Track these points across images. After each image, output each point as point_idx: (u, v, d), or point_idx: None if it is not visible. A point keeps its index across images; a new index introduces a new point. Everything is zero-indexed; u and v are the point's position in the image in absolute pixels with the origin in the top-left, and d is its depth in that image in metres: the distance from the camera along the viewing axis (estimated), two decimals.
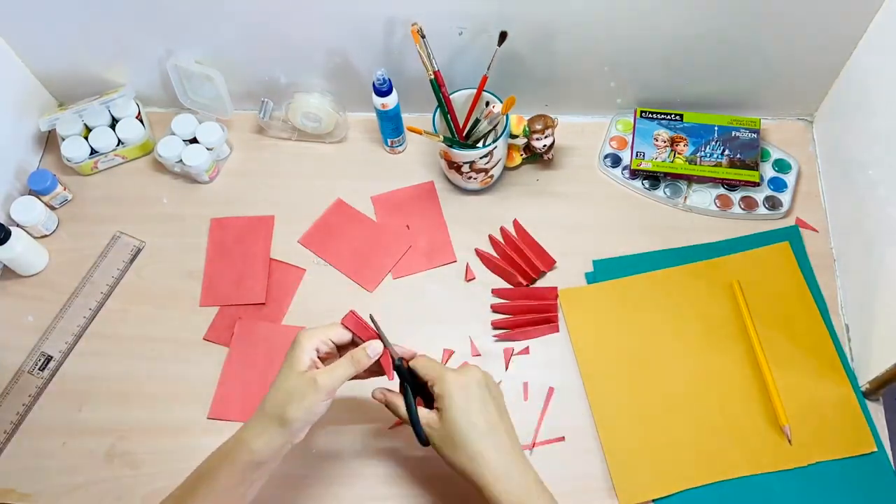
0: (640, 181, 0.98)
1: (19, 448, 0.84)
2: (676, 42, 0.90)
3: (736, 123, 0.98)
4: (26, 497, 0.80)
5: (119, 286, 0.93)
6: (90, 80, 1.00)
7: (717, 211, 0.95)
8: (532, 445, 0.81)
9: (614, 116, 1.03)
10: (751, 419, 0.82)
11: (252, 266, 0.93)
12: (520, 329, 0.87)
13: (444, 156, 0.92)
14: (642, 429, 0.82)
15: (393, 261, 0.93)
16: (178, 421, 0.84)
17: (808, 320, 0.87)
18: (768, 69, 0.93)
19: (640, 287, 0.90)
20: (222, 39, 0.93)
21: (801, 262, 0.91)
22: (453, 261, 0.93)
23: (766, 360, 0.84)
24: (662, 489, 0.78)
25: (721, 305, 0.89)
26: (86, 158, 0.99)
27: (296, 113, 0.98)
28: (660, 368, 0.85)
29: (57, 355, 0.88)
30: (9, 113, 0.98)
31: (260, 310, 0.91)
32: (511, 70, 0.92)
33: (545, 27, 0.89)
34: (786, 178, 0.97)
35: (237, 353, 0.87)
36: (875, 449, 0.80)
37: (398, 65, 0.94)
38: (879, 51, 0.84)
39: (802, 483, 0.78)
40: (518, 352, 0.87)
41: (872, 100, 0.86)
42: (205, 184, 1.00)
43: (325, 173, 1.00)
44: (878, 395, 0.82)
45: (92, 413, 0.85)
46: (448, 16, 0.87)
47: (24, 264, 0.92)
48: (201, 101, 1.01)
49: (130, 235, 0.96)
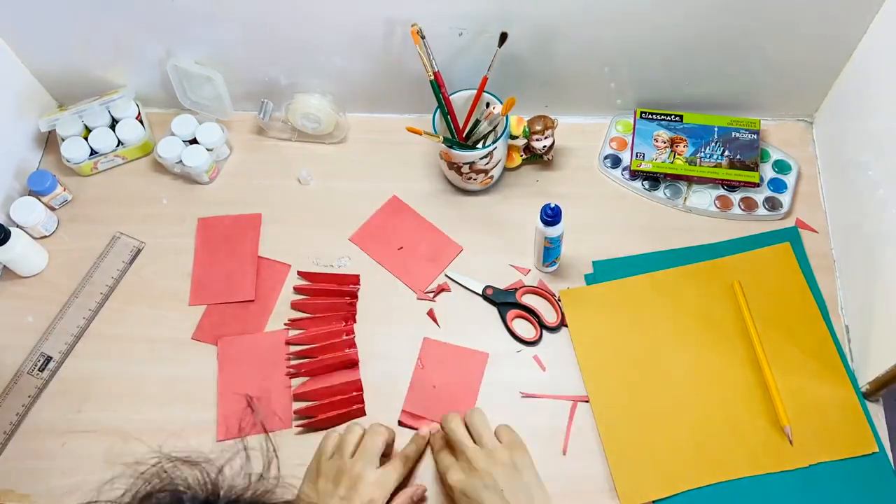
0: (640, 182, 0.98)
1: (19, 448, 0.83)
2: (676, 43, 0.90)
3: (736, 124, 0.98)
4: (25, 497, 0.80)
5: (119, 287, 0.93)
6: (90, 81, 1.00)
7: (717, 212, 0.95)
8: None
9: (614, 117, 1.03)
10: (752, 420, 0.82)
11: (240, 264, 0.93)
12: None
13: (444, 156, 0.92)
14: (643, 429, 0.82)
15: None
16: (178, 421, 0.84)
17: (810, 321, 0.87)
18: (768, 70, 0.93)
19: (640, 287, 0.90)
20: (222, 40, 0.93)
21: (800, 263, 0.91)
22: (460, 249, 0.94)
23: (767, 361, 0.84)
24: (663, 490, 0.78)
25: (722, 306, 0.89)
26: (86, 159, 0.99)
27: (295, 114, 0.98)
28: (661, 369, 0.85)
29: (56, 356, 0.88)
30: (9, 113, 0.97)
31: (247, 307, 0.91)
32: (511, 71, 0.92)
33: (545, 28, 0.89)
34: (786, 178, 0.97)
35: (227, 372, 0.87)
36: (876, 450, 0.79)
37: (398, 65, 0.94)
38: (879, 51, 0.84)
39: (803, 484, 0.78)
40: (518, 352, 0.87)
41: (872, 100, 0.86)
42: (205, 184, 1.00)
43: (325, 174, 1.00)
44: (878, 395, 0.82)
45: (91, 414, 0.85)
46: (448, 17, 0.87)
47: (23, 265, 0.92)
48: (201, 101, 1.01)
49: (130, 236, 0.96)
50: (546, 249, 0.86)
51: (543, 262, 0.89)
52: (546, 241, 0.84)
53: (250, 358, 0.88)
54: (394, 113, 1.04)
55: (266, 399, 0.85)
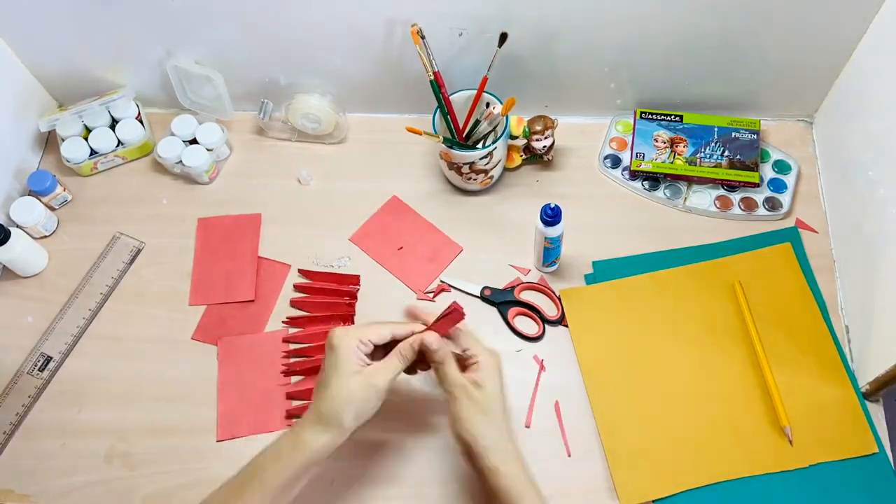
0: (640, 182, 0.98)
1: (19, 448, 0.83)
2: (676, 43, 0.90)
3: (736, 124, 0.98)
4: (25, 497, 0.80)
5: (118, 287, 0.93)
6: (90, 81, 1.00)
7: (717, 212, 0.95)
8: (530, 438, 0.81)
9: (614, 117, 1.03)
10: (752, 420, 0.82)
11: (240, 264, 0.93)
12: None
13: (444, 156, 0.92)
14: (643, 429, 0.82)
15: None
16: (178, 421, 0.84)
17: (810, 321, 0.87)
18: (768, 70, 0.93)
19: (641, 287, 0.90)
20: (222, 40, 0.93)
21: (800, 263, 0.91)
22: (460, 249, 0.93)
23: (768, 361, 0.84)
24: (663, 489, 0.78)
25: (722, 306, 0.89)
26: (85, 159, 0.99)
27: (295, 114, 0.98)
28: (661, 369, 0.85)
29: (56, 356, 0.88)
30: (9, 113, 0.98)
31: (247, 307, 0.91)
32: (511, 71, 0.92)
33: (545, 29, 0.89)
34: (785, 179, 0.97)
35: (227, 372, 0.87)
36: (876, 450, 0.79)
37: (398, 65, 0.94)
38: (879, 51, 0.84)
39: (803, 484, 0.78)
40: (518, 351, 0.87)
41: (872, 100, 0.86)
42: (205, 184, 1.00)
43: (325, 174, 1.00)
44: (878, 395, 0.82)
45: (91, 414, 0.85)
46: (448, 17, 0.87)
47: (23, 265, 0.92)
48: (201, 101, 1.01)
49: (130, 236, 0.96)
50: (546, 249, 0.86)
51: (543, 262, 0.89)
52: (546, 241, 0.84)
53: (250, 358, 0.88)
54: (394, 113, 1.04)
55: (266, 399, 0.85)
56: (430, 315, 0.74)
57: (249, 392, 0.85)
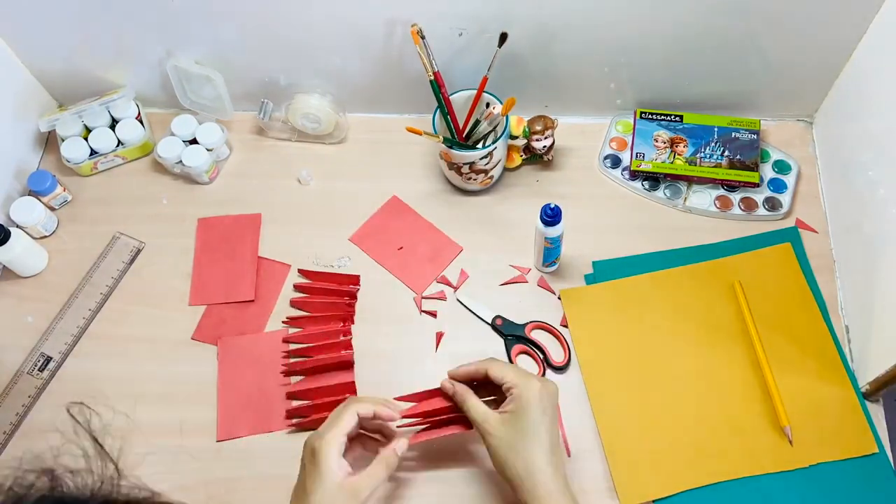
0: (640, 182, 0.98)
1: (19, 448, 0.83)
2: (676, 43, 0.90)
3: (736, 124, 0.98)
4: None
5: (119, 287, 0.93)
6: (90, 81, 1.00)
7: (717, 212, 0.95)
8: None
9: (614, 117, 1.03)
10: (752, 420, 0.82)
11: (240, 264, 0.93)
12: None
13: (444, 157, 0.92)
14: (643, 429, 0.82)
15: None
16: (178, 422, 0.84)
17: (810, 321, 0.87)
18: (768, 70, 0.93)
19: (641, 287, 0.90)
20: (222, 40, 0.93)
21: (801, 263, 0.91)
22: (460, 249, 0.93)
23: (767, 361, 0.84)
24: (663, 490, 0.78)
25: (722, 306, 0.89)
26: (85, 159, 0.99)
27: (295, 114, 0.98)
28: (661, 369, 0.85)
29: (56, 356, 0.88)
30: (9, 113, 0.97)
31: (247, 307, 0.91)
32: (511, 71, 0.92)
33: (545, 28, 0.89)
34: (785, 179, 0.97)
35: (226, 373, 0.87)
36: (876, 450, 0.79)
37: (398, 65, 0.94)
38: (879, 51, 0.84)
39: (803, 484, 0.78)
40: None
41: (872, 100, 0.86)
42: (205, 184, 1.00)
43: (325, 174, 1.00)
44: (878, 396, 0.82)
45: (91, 414, 0.85)
46: (448, 17, 0.87)
47: (23, 265, 0.92)
48: (201, 101, 1.01)
49: (130, 236, 0.96)
50: (546, 249, 0.86)
51: (543, 262, 0.89)
52: (546, 241, 0.84)
53: (250, 358, 0.88)
54: (394, 113, 1.04)
55: (266, 399, 0.85)
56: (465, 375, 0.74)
57: (249, 392, 0.85)
